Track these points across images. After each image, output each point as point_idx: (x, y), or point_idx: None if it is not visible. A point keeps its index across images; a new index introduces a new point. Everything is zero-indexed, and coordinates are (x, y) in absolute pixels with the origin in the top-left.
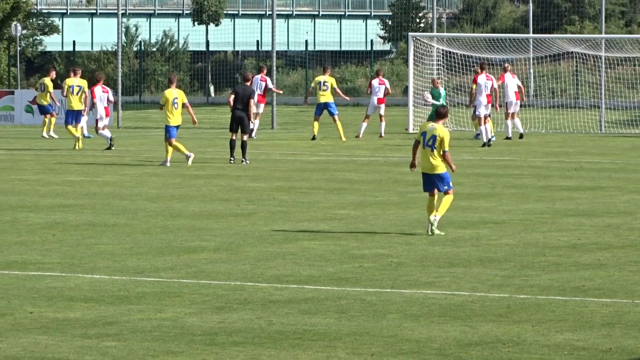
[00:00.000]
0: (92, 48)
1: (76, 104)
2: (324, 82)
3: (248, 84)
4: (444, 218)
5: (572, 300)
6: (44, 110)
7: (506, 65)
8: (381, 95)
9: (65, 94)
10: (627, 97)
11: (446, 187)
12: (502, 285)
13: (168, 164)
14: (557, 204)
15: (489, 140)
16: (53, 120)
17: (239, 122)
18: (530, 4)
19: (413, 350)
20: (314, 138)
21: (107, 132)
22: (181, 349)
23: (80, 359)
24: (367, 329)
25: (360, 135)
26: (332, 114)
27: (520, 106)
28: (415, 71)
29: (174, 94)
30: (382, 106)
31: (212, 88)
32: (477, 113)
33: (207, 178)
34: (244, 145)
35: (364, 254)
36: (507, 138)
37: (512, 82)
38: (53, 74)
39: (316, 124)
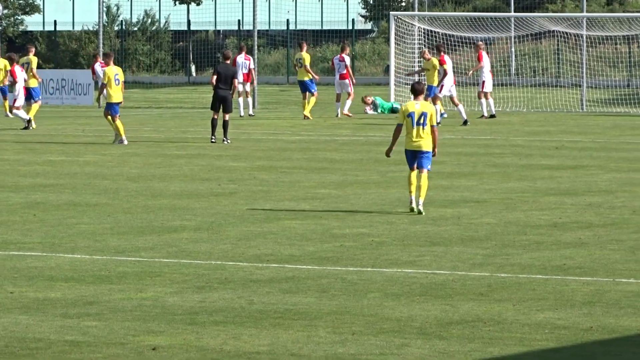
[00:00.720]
0: (73, 27)
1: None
2: (299, 59)
3: (228, 62)
4: (427, 197)
5: (553, 279)
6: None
7: (480, 43)
8: (343, 71)
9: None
10: (609, 76)
11: (429, 166)
12: (483, 264)
13: (125, 142)
14: (538, 182)
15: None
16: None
17: (222, 102)
18: None
19: (394, 329)
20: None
21: (22, 113)
22: (162, 329)
23: (61, 339)
24: (348, 308)
25: (340, 114)
26: (309, 91)
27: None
28: (396, 50)
29: (114, 71)
30: (346, 82)
31: (193, 67)
32: (441, 93)
33: (188, 158)
34: (225, 125)
35: (345, 233)
36: (482, 116)
37: (487, 61)
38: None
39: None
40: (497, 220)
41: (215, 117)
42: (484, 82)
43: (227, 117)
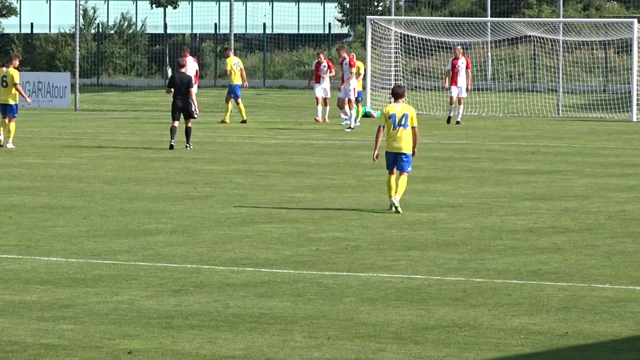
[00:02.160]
0: (50, 30)
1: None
2: (236, 62)
3: (184, 70)
4: (402, 201)
5: (528, 284)
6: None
7: (459, 47)
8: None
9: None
10: (585, 81)
11: (409, 168)
12: (459, 268)
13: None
14: (514, 187)
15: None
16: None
17: (181, 111)
18: None
19: (369, 334)
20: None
21: None
22: (137, 332)
23: (37, 342)
24: (323, 312)
25: (321, 119)
26: (237, 95)
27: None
28: (373, 54)
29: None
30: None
31: (169, 71)
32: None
33: (164, 161)
34: (188, 132)
35: (321, 237)
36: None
37: (463, 65)
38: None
39: (237, 105)
40: (473, 225)
41: (175, 125)
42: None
43: (189, 123)
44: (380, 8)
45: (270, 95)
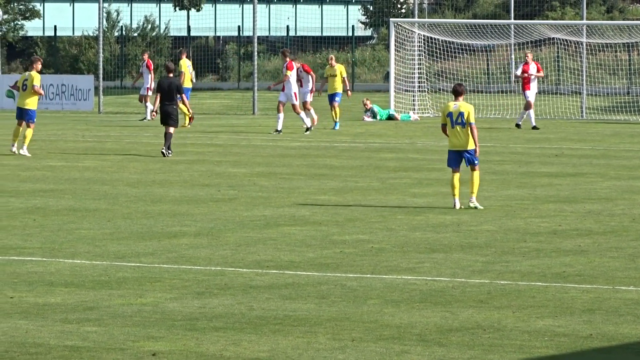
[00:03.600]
0: (73, 33)
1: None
2: (189, 65)
3: (171, 75)
4: (427, 203)
5: (552, 286)
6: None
7: (529, 53)
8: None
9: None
10: (609, 84)
11: (477, 161)
12: (483, 271)
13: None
14: (537, 190)
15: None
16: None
17: (167, 116)
18: None
19: (393, 336)
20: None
21: None
22: (161, 334)
23: (61, 344)
24: (347, 314)
25: (309, 124)
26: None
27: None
28: (396, 57)
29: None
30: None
31: (193, 73)
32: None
33: (187, 163)
34: (168, 137)
35: (345, 240)
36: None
37: (534, 70)
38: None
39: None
40: (497, 227)
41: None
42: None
43: (171, 130)
44: (403, 10)
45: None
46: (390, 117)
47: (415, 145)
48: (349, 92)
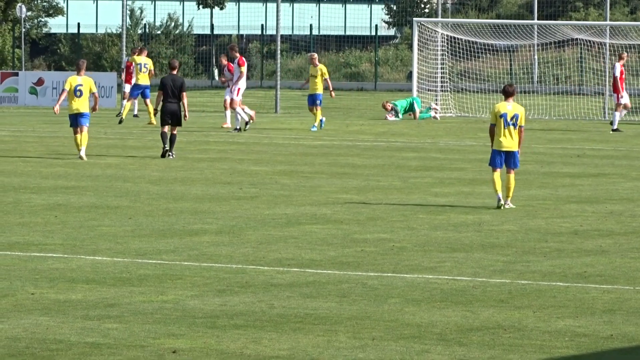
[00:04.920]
0: (96, 30)
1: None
2: (144, 64)
3: (175, 72)
4: (448, 202)
5: (573, 286)
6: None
7: (624, 53)
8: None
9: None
10: (631, 84)
11: (518, 165)
12: (504, 270)
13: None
14: (559, 190)
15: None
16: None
17: (172, 115)
18: None
19: (414, 335)
20: (120, 122)
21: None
22: (182, 332)
23: (82, 341)
24: (368, 313)
25: (229, 125)
26: (145, 96)
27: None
28: (419, 57)
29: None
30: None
31: (216, 72)
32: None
33: (209, 161)
34: (173, 139)
35: (366, 238)
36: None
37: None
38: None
39: (129, 103)
40: (518, 227)
41: (165, 130)
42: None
43: (174, 130)
44: (427, 10)
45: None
46: (411, 108)
47: (437, 144)
48: (332, 93)
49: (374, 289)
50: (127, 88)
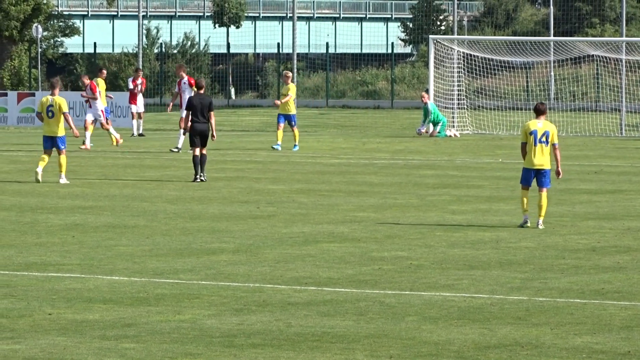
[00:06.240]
0: (113, 50)
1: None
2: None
3: (202, 92)
4: (465, 220)
5: (591, 303)
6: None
7: None
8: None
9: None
10: None
11: (550, 185)
12: (521, 288)
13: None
14: (576, 207)
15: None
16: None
17: (202, 135)
18: (552, 7)
19: (431, 353)
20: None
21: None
22: (200, 351)
23: None
24: (385, 331)
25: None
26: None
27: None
28: (436, 74)
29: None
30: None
31: (232, 90)
32: None
33: (227, 180)
34: (203, 160)
35: (383, 257)
36: None
37: None
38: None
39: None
40: (536, 244)
41: (197, 154)
42: None
43: (204, 151)
44: (443, 27)
45: (333, 114)
46: (435, 123)
47: (454, 162)
48: (277, 102)
49: (392, 307)
50: (134, 109)
